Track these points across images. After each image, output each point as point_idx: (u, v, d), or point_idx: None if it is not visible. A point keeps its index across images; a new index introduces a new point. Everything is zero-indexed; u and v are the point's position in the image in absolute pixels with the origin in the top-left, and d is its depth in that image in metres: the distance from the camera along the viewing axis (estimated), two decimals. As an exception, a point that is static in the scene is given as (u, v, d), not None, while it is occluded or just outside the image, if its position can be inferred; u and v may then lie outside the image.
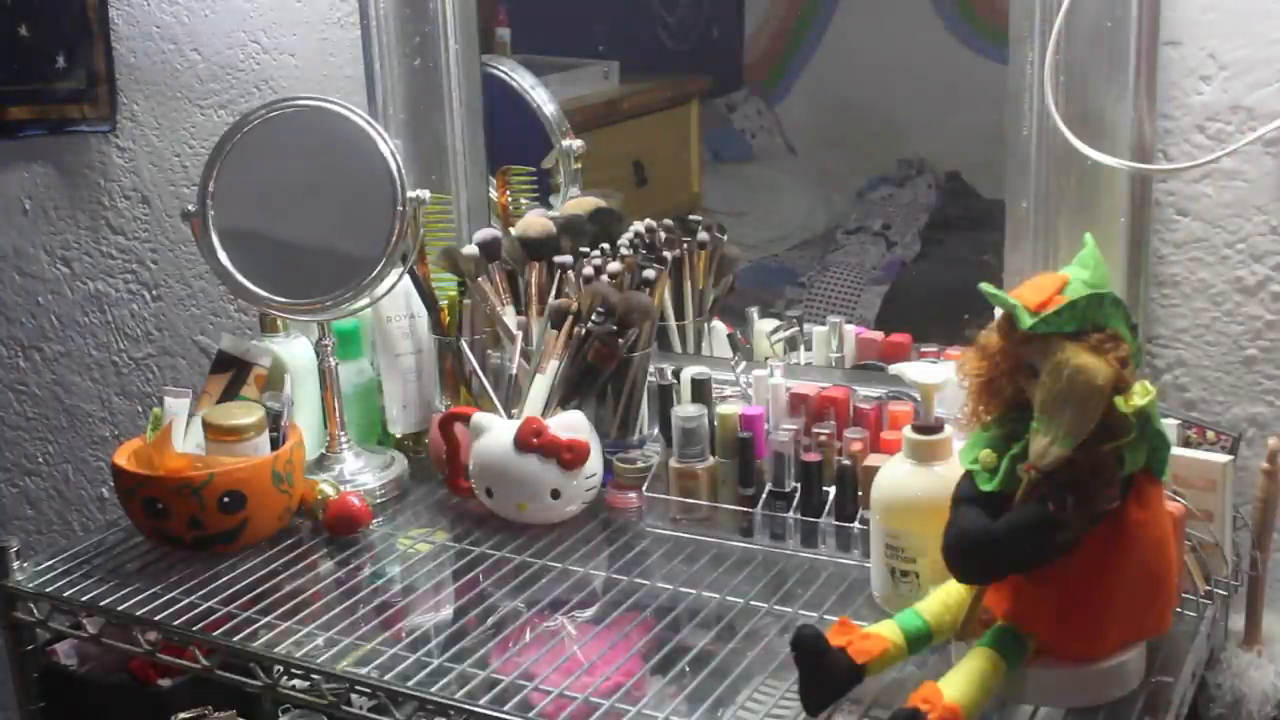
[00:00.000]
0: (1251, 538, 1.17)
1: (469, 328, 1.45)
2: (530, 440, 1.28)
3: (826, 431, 1.28)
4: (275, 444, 1.35)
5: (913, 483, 1.08)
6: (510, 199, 1.63)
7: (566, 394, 1.34)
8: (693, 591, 1.20)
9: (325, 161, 1.39)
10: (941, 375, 1.11)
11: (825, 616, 1.13)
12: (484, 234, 1.44)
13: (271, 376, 1.47)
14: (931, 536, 0.98)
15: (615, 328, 1.32)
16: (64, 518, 2.01)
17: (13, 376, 1.95)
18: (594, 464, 1.32)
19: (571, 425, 1.30)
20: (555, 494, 1.30)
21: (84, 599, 1.24)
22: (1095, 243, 0.97)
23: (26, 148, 1.85)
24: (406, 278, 1.43)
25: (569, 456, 1.27)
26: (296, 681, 1.12)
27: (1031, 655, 0.97)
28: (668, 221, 1.43)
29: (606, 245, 1.40)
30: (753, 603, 1.18)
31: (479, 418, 1.33)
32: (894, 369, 1.20)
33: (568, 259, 1.38)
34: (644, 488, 1.33)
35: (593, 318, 1.32)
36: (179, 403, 1.36)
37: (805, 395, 1.31)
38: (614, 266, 1.35)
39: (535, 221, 1.44)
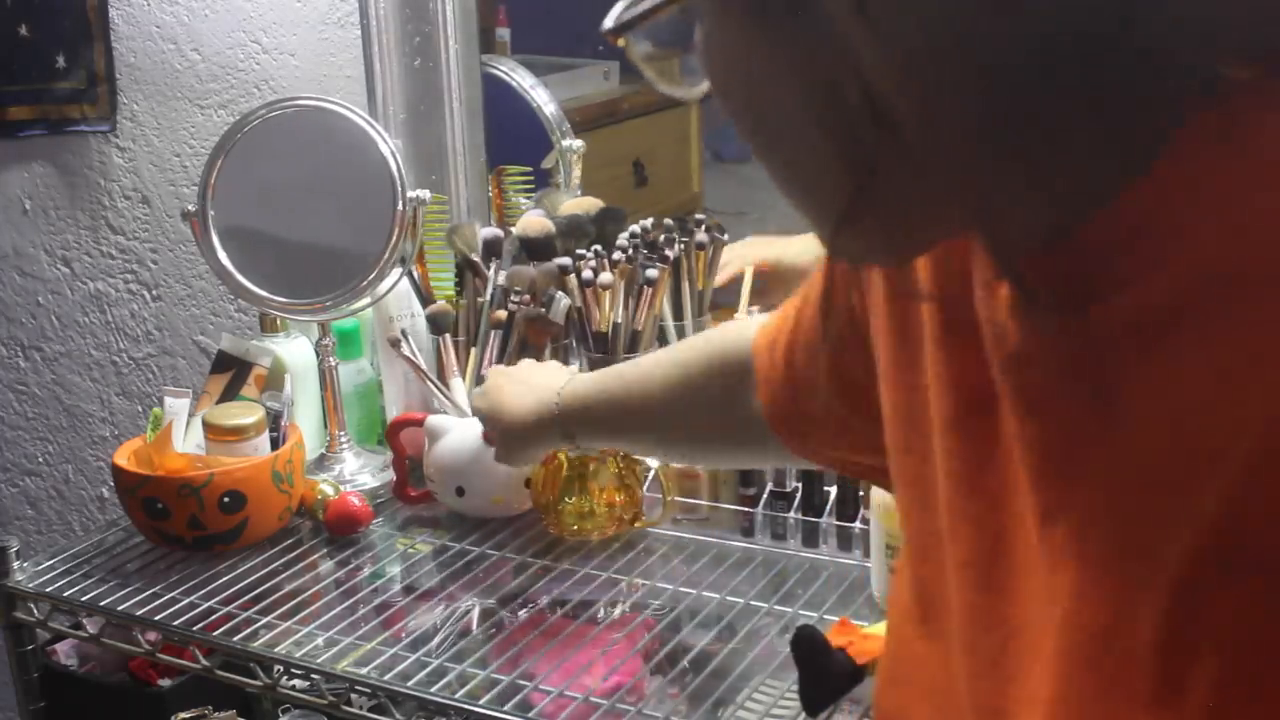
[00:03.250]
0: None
1: (464, 327, 1.44)
2: None
3: (826, 431, 1.28)
4: (275, 444, 1.35)
5: (913, 483, 1.08)
6: (505, 199, 1.63)
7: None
8: (693, 591, 1.20)
9: (325, 161, 1.39)
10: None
11: (825, 616, 1.13)
12: (487, 232, 1.44)
13: (271, 376, 1.47)
14: (931, 536, 0.98)
15: (543, 310, 1.34)
16: (64, 518, 2.01)
17: (13, 376, 1.95)
18: None
19: None
20: (529, 482, 1.30)
21: (84, 599, 1.23)
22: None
23: (26, 148, 1.84)
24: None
25: None
26: (296, 681, 1.12)
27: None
28: (668, 221, 1.43)
29: (599, 246, 1.40)
30: (753, 603, 1.17)
31: (434, 421, 1.32)
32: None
33: (566, 261, 1.38)
34: (644, 488, 1.33)
35: (511, 299, 1.35)
36: (179, 403, 1.36)
37: (805, 395, 1.31)
38: (606, 277, 1.36)
39: (535, 221, 1.44)
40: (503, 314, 1.37)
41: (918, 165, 0.44)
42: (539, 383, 1.08)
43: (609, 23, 0.49)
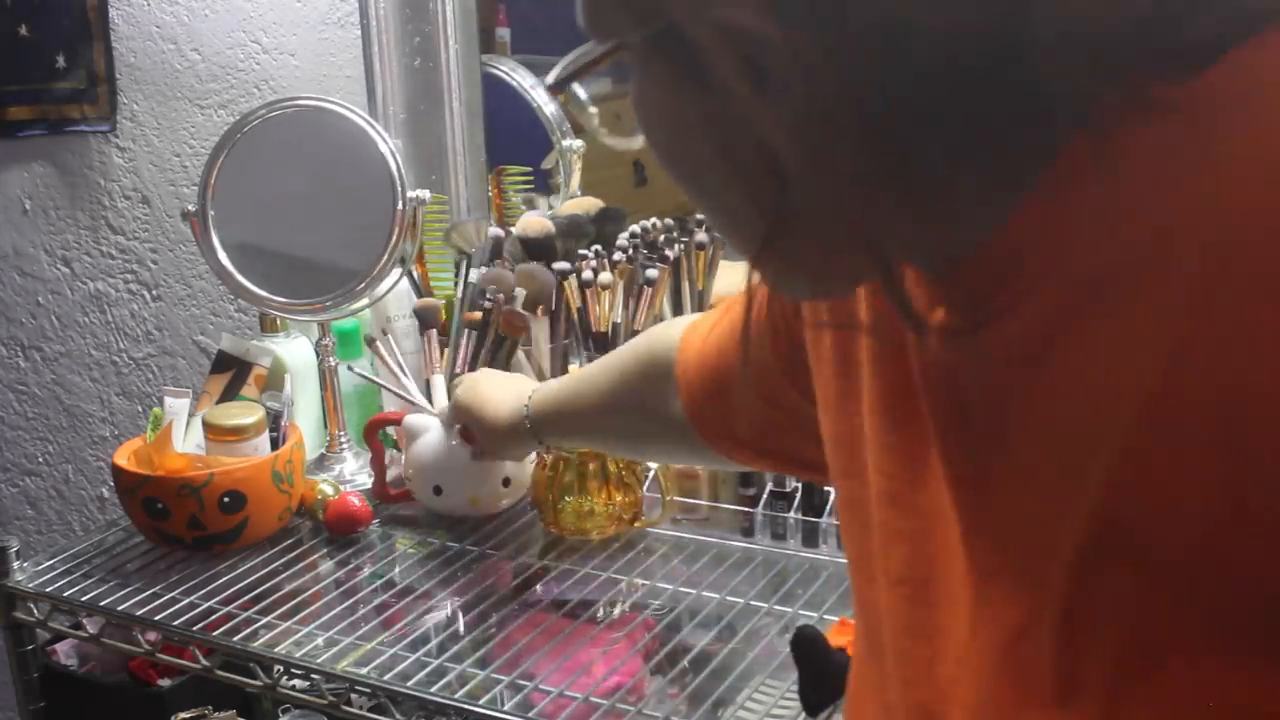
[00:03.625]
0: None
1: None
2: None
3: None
4: (275, 444, 1.35)
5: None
6: (505, 199, 1.63)
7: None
8: (693, 591, 1.20)
9: (325, 162, 1.39)
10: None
11: (825, 616, 1.13)
12: (494, 231, 1.44)
13: (271, 376, 1.47)
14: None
15: (519, 307, 1.35)
16: (64, 518, 2.01)
17: (13, 376, 1.95)
18: None
19: None
20: (506, 482, 1.30)
21: (84, 599, 1.23)
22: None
23: (26, 148, 1.84)
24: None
25: None
26: (296, 681, 1.12)
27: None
28: (668, 221, 1.43)
29: (599, 246, 1.40)
30: (753, 603, 1.18)
31: (412, 420, 1.32)
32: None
33: (566, 265, 1.38)
34: (644, 488, 1.33)
35: (485, 299, 1.35)
36: (179, 403, 1.36)
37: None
38: (606, 277, 1.35)
39: (535, 221, 1.44)
40: (477, 315, 1.37)
41: (812, 212, 0.47)
42: (517, 388, 1.18)
43: (550, 79, 0.53)
